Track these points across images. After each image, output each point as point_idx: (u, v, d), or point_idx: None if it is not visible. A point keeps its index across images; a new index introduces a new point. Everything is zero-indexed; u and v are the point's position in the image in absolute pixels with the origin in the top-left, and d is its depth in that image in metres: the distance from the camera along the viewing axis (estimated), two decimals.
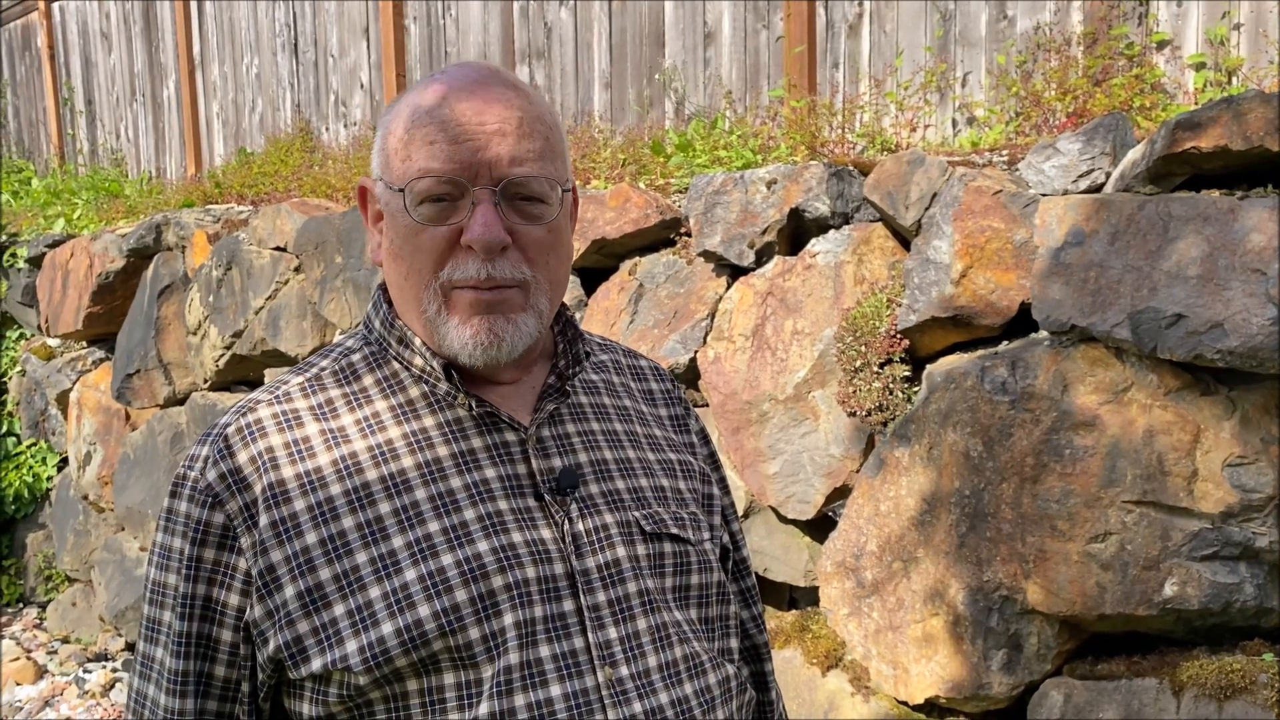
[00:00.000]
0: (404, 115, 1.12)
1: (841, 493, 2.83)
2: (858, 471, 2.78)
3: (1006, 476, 2.42)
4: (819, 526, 2.93)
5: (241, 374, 4.97)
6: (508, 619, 1.06)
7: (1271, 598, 2.21)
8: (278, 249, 4.69)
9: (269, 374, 4.74)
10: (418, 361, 1.15)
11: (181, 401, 5.24)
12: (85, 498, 5.86)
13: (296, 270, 4.60)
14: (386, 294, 1.20)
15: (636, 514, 1.16)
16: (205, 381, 5.06)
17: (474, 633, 1.05)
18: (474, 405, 1.13)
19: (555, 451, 1.16)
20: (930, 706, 2.59)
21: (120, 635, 5.51)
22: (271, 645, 1.08)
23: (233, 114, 6.55)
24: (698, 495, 1.25)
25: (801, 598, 3.03)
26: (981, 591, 2.45)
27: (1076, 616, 2.35)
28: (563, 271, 1.16)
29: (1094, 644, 2.43)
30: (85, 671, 5.29)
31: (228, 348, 4.87)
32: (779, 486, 2.91)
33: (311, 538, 1.07)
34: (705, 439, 1.35)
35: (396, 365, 1.17)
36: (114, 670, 5.29)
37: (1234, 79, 3.00)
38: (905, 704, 2.62)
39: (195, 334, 5.08)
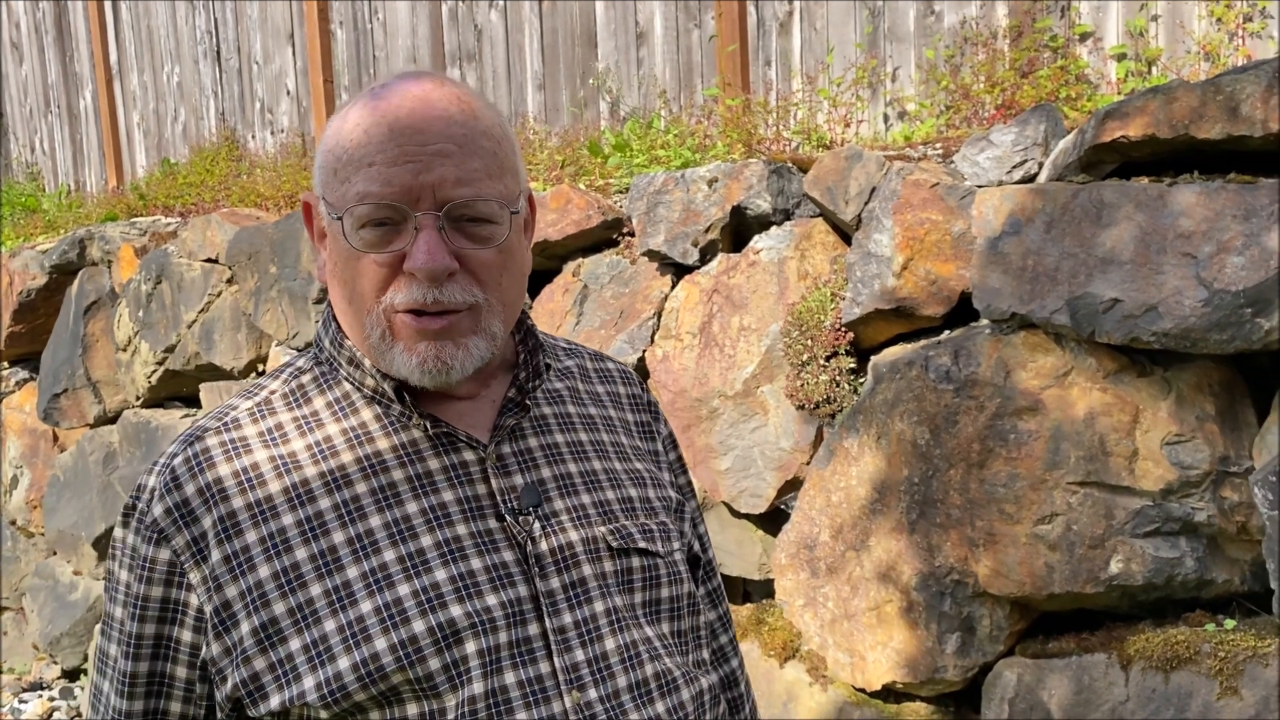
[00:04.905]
0: (343, 131, 1.07)
1: (793, 485, 2.86)
2: (808, 464, 2.82)
3: (954, 463, 2.47)
4: (772, 520, 2.96)
5: (175, 389, 4.86)
6: (470, 647, 1.03)
7: (1211, 570, 2.28)
8: (209, 261, 4.60)
9: (204, 389, 4.65)
10: (369, 382, 1.11)
11: (113, 420, 5.12)
12: (13, 523, 5.68)
13: (229, 282, 4.52)
14: (333, 310, 1.15)
15: (603, 529, 1.13)
16: (138, 399, 4.94)
17: (434, 663, 1.02)
18: (429, 426, 1.10)
19: (517, 468, 1.12)
20: (887, 692, 2.63)
21: (55, 663, 5.36)
22: (229, 684, 1.05)
23: (154, 124, 6.40)
24: (668, 503, 1.22)
25: (756, 591, 3.06)
26: (934, 576, 2.50)
27: (1027, 597, 2.40)
28: (516, 290, 1.11)
29: (1044, 623, 2.49)
30: (21, 702, 5.13)
31: (160, 363, 4.76)
32: (731, 482, 2.94)
33: (265, 571, 1.04)
34: (673, 443, 1.33)
35: (348, 386, 1.13)
36: (51, 699, 5.14)
37: (1154, 69, 3.10)
38: (863, 691, 2.66)
39: (125, 350, 4.96)
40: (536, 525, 1.09)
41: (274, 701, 1.03)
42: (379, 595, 1.03)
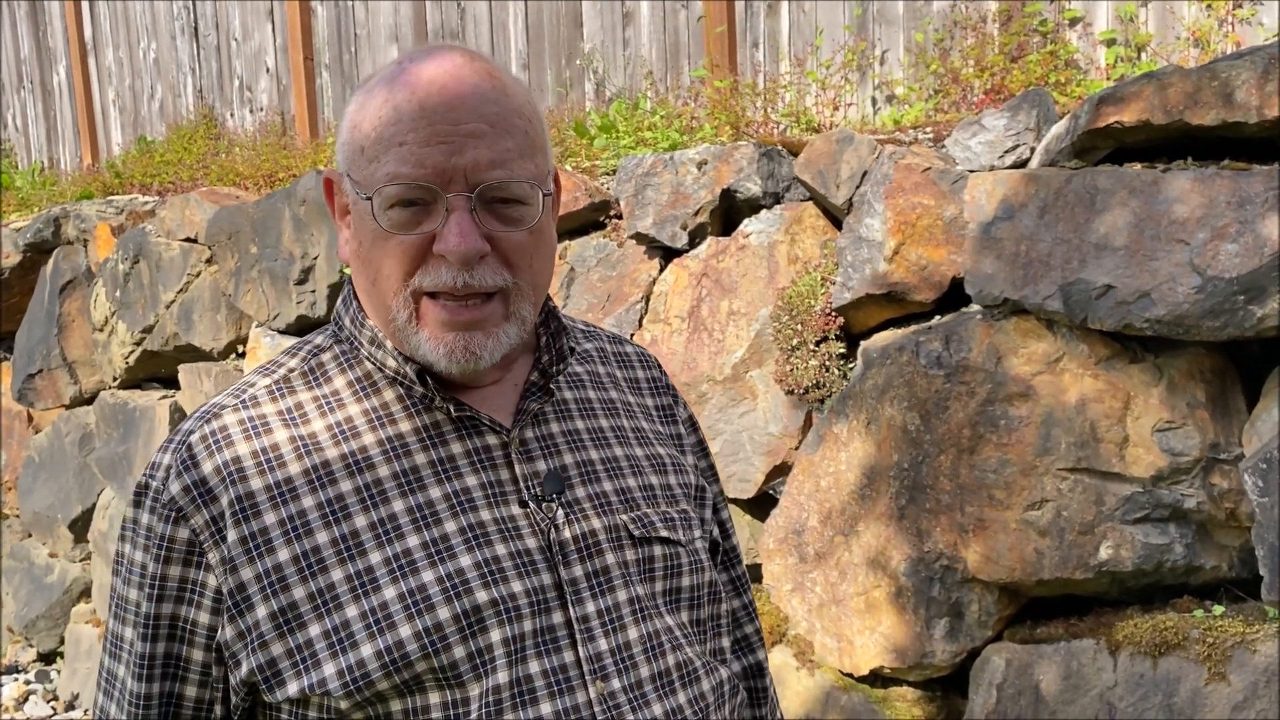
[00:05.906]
0: (370, 108, 1.03)
1: (781, 470, 2.85)
2: (797, 449, 2.81)
3: (944, 448, 2.47)
4: (760, 505, 2.95)
5: (153, 370, 4.81)
6: (495, 635, 1.02)
7: (1200, 556, 2.29)
8: (188, 240, 4.54)
9: (183, 370, 4.59)
10: (391, 363, 1.09)
11: (89, 401, 5.05)
12: None
13: (209, 262, 4.46)
14: (355, 289, 1.13)
15: (624, 517, 1.11)
16: (115, 379, 4.88)
17: (459, 651, 1.01)
18: (452, 409, 1.08)
19: (539, 454, 1.11)
20: (875, 677, 2.63)
21: (31, 646, 5.30)
22: (244, 668, 1.03)
23: (130, 101, 6.30)
24: (688, 490, 1.21)
25: None
26: (923, 562, 2.50)
27: (1016, 583, 2.41)
28: (546, 272, 1.10)
29: (1033, 608, 2.50)
30: None
31: (138, 344, 4.70)
32: (720, 466, 2.92)
33: (284, 554, 1.02)
34: (694, 426, 1.31)
35: (369, 366, 1.11)
36: (27, 683, 5.09)
37: (1143, 54, 3.09)
38: (850, 676, 2.66)
39: (102, 330, 4.89)
40: (560, 512, 1.08)
41: (292, 688, 1.01)
42: (403, 581, 1.02)
